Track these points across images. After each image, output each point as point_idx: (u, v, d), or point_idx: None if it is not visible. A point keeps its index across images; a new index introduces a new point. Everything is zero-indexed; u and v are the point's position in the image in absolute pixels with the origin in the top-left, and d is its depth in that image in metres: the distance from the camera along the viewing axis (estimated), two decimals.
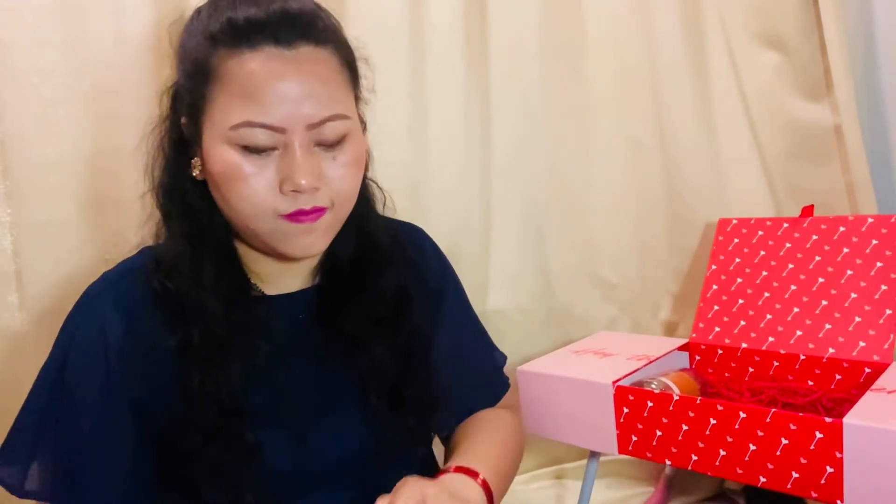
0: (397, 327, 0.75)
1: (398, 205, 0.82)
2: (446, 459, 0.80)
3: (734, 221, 1.32)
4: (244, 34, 0.61)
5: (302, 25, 0.62)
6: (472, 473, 0.68)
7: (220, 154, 0.62)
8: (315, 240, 0.66)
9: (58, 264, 1.08)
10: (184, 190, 0.69)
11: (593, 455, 1.22)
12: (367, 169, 0.75)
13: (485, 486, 0.67)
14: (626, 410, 1.05)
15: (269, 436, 0.67)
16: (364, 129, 0.74)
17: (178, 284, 0.66)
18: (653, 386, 1.07)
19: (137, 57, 1.08)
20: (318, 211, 0.64)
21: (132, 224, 1.08)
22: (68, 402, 0.66)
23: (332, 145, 0.64)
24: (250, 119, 0.60)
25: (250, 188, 0.62)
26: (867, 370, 1.07)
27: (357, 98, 0.71)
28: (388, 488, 0.63)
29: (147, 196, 0.71)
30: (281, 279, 0.74)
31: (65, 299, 1.07)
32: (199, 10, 0.66)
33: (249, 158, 0.62)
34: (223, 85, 0.62)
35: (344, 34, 0.69)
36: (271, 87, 0.60)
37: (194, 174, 0.67)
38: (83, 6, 1.06)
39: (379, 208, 0.80)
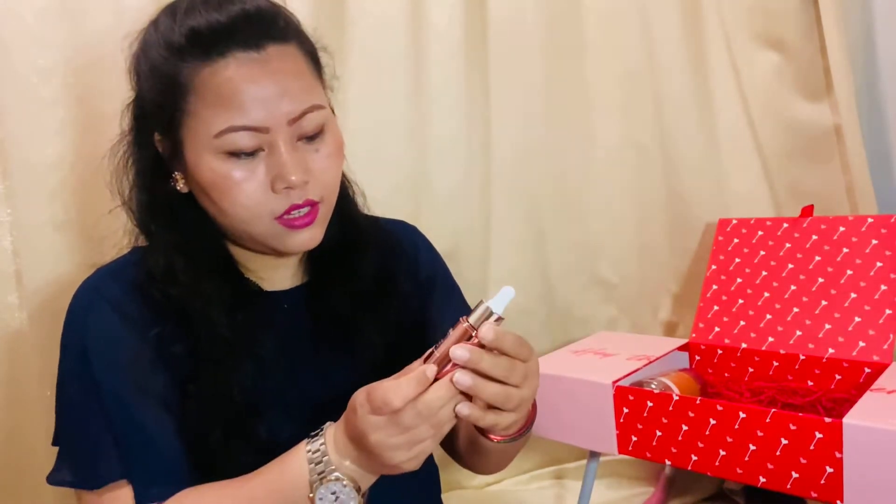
0: (384, 304, 0.75)
1: (398, 205, 0.82)
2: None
3: (734, 221, 1.32)
4: (210, 43, 0.61)
5: (265, 25, 0.63)
6: None
7: (207, 164, 0.63)
8: (312, 234, 0.67)
9: (58, 264, 1.08)
10: (169, 205, 0.69)
11: (593, 455, 1.22)
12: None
13: None
14: (625, 410, 1.05)
15: (282, 429, 0.68)
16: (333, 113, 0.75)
17: (180, 293, 0.67)
18: (653, 386, 1.07)
19: None
20: (310, 205, 0.65)
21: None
22: (109, 386, 0.65)
23: (313, 137, 0.65)
24: (232, 124, 0.61)
25: (243, 193, 0.63)
26: (867, 370, 1.07)
27: (324, 87, 0.72)
28: (394, 481, 0.62)
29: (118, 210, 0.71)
30: (274, 274, 0.74)
31: (65, 299, 1.07)
32: (154, 23, 0.65)
33: (237, 164, 0.63)
34: (199, 96, 0.62)
35: (303, 27, 0.69)
36: (248, 91, 0.61)
37: (178, 188, 0.68)
38: (83, 6, 1.06)
39: (360, 202, 0.81)
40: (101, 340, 0.66)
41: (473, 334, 0.56)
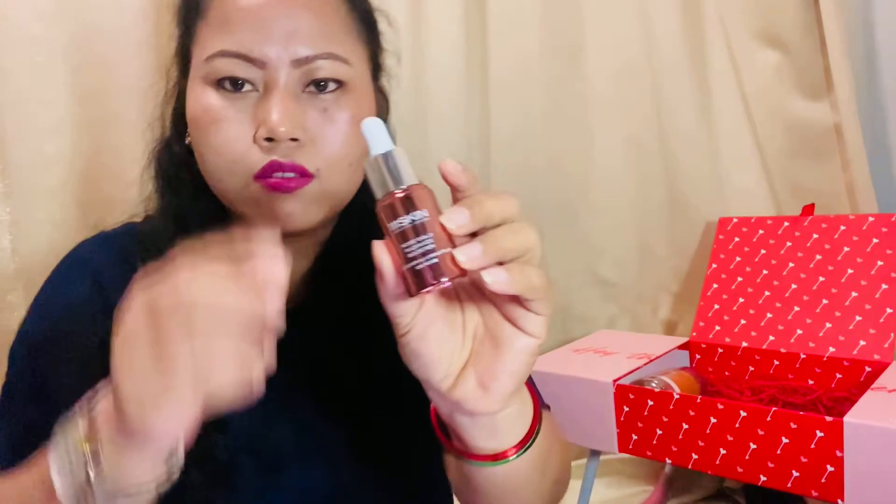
0: (380, 352, 0.57)
1: None
2: None
3: (734, 220, 1.32)
4: None
5: None
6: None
7: (195, 96, 0.54)
8: (295, 210, 0.53)
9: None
10: (176, 160, 0.60)
11: (593, 454, 1.22)
12: None
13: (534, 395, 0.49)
14: (626, 409, 1.05)
15: (238, 459, 0.56)
16: (388, 109, 0.65)
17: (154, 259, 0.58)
18: (653, 384, 1.07)
19: (137, 56, 1.08)
20: (299, 172, 0.52)
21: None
22: (52, 367, 0.57)
23: (324, 94, 0.53)
24: (225, 48, 0.51)
25: (221, 135, 0.52)
26: (868, 369, 1.07)
27: (378, 65, 0.62)
28: None
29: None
30: None
31: None
32: None
33: (222, 97, 0.52)
34: (206, 19, 0.54)
35: None
36: (253, 14, 0.51)
37: (187, 141, 0.58)
38: (82, 4, 1.06)
39: None
40: (73, 314, 0.60)
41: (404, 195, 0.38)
